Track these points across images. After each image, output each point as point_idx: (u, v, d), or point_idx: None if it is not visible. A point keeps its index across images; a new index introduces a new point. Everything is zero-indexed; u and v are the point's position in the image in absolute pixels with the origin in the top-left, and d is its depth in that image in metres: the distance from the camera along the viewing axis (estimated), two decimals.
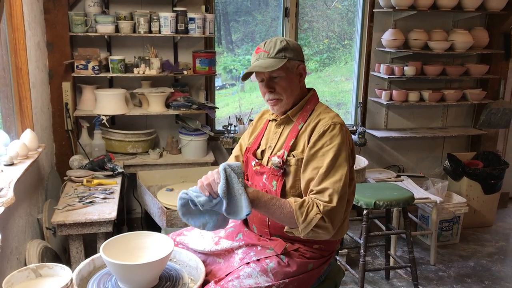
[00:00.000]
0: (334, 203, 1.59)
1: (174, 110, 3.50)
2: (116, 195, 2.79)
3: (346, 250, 3.27)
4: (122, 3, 3.47)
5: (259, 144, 1.89)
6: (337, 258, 3.17)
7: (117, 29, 3.34)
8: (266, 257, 1.71)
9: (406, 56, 4.03)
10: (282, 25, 3.96)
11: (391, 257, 3.27)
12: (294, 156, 1.72)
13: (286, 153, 1.73)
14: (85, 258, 2.12)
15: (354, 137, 3.97)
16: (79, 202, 2.66)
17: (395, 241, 3.38)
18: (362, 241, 2.88)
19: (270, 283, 1.65)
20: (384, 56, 4.12)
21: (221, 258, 1.82)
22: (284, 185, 1.74)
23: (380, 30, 4.01)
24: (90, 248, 2.78)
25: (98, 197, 2.73)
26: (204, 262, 1.78)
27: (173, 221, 2.85)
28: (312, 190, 1.64)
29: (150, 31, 3.37)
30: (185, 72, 3.50)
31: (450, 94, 4.04)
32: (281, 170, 1.73)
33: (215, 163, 3.69)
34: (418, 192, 3.55)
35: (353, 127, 4.23)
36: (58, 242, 2.93)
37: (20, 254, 2.35)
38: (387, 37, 3.90)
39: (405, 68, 3.90)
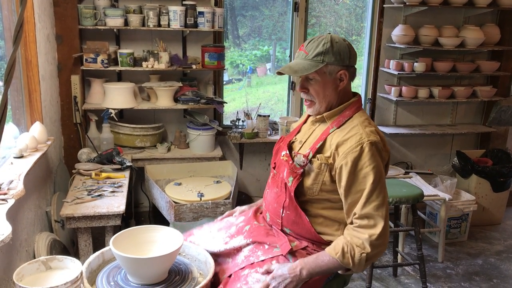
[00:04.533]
0: (379, 229, 1.57)
1: (183, 105, 3.50)
2: (125, 189, 2.79)
3: None
4: None
5: (295, 136, 1.87)
6: None
7: (126, 23, 3.33)
8: (272, 257, 1.70)
9: (416, 52, 3.99)
10: (291, 20, 3.93)
11: (399, 254, 3.25)
12: (318, 159, 1.67)
13: (311, 154, 1.69)
14: (93, 251, 2.13)
15: None
16: (88, 195, 2.66)
17: (403, 238, 3.37)
18: None
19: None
20: (394, 52, 4.08)
21: (230, 257, 1.81)
22: (301, 184, 1.70)
23: (390, 26, 3.97)
24: (98, 241, 2.79)
25: (106, 190, 2.73)
26: (215, 261, 1.78)
27: (181, 215, 2.85)
28: (355, 214, 1.61)
29: (159, 25, 3.36)
30: (193, 67, 3.49)
31: (460, 91, 4.01)
32: (302, 170, 1.69)
33: (223, 158, 3.69)
34: (427, 189, 3.53)
35: None
36: (66, 235, 2.94)
37: (29, 247, 2.36)
38: (397, 32, 3.87)
39: (415, 64, 3.87)
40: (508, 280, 3.21)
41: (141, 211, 3.80)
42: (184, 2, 3.43)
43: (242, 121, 3.84)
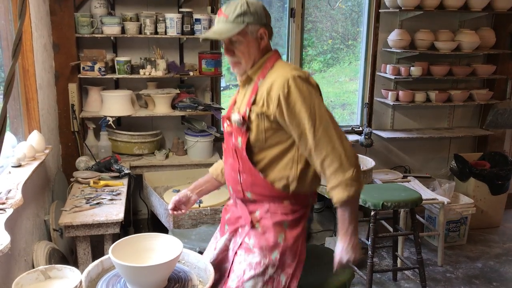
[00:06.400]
0: (350, 171, 1.63)
1: (180, 111, 3.50)
2: (123, 197, 2.79)
3: None
4: (128, 4, 3.47)
5: (233, 108, 1.92)
6: None
7: (123, 30, 3.34)
8: (245, 236, 1.78)
9: (412, 57, 4.01)
10: (288, 25, 3.95)
11: (398, 258, 3.25)
12: (253, 111, 1.73)
13: (248, 110, 1.74)
14: (92, 260, 2.12)
15: (361, 138, 3.97)
16: (86, 203, 2.66)
17: (402, 242, 3.37)
18: (369, 242, 2.87)
19: (260, 259, 1.71)
20: (390, 56, 4.10)
21: (223, 264, 1.87)
22: (248, 140, 1.75)
23: (386, 31, 3.99)
24: (97, 250, 2.78)
25: (105, 198, 2.72)
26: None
27: (180, 222, 2.85)
28: (318, 166, 1.68)
29: (156, 32, 3.36)
30: (191, 73, 3.50)
31: (457, 95, 4.02)
32: (244, 127, 1.74)
33: None
34: (425, 193, 3.53)
35: (359, 128, 4.21)
36: (65, 244, 2.93)
37: (27, 256, 2.35)
38: (393, 37, 3.89)
39: (412, 68, 3.89)
40: (507, 283, 3.22)
41: (139, 219, 3.79)
42: (180, 10, 3.44)
43: None
